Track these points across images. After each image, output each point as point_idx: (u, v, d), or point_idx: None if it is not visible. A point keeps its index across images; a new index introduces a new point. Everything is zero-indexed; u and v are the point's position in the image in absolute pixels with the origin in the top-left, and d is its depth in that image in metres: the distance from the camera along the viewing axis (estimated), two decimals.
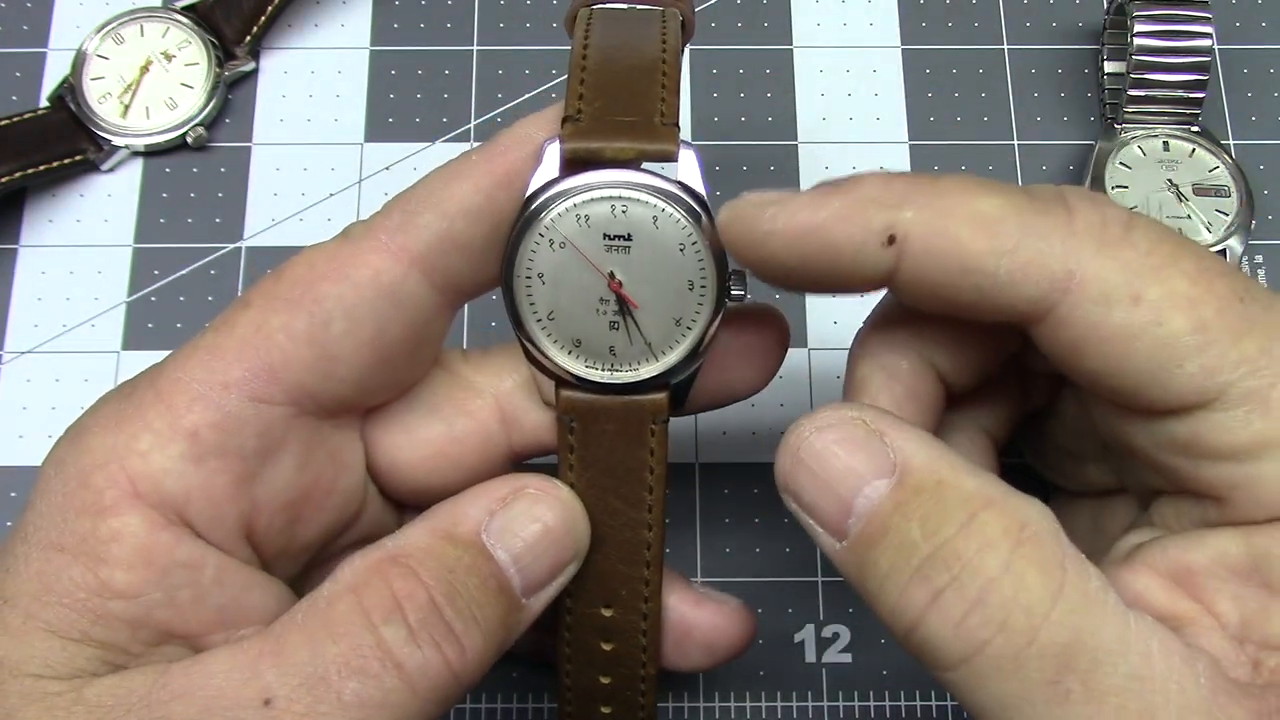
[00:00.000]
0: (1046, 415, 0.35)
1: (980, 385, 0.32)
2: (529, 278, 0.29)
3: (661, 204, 0.28)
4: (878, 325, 0.31)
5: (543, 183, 0.28)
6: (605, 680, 0.32)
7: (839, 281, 0.28)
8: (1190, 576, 0.27)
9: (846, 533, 0.26)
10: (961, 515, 0.25)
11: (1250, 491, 0.26)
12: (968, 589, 0.24)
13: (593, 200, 0.28)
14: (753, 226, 0.28)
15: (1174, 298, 0.26)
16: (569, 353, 0.29)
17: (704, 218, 0.29)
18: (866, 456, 0.26)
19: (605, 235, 0.28)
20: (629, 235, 0.29)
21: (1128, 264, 0.26)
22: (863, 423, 0.27)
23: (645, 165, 0.29)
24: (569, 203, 0.28)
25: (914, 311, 0.30)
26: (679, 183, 0.29)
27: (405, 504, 0.33)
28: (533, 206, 0.28)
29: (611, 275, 0.29)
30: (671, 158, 0.28)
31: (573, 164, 0.28)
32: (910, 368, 0.30)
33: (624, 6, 0.31)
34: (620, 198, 0.28)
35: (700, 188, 0.29)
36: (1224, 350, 0.26)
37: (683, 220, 0.28)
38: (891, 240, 0.27)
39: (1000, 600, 0.24)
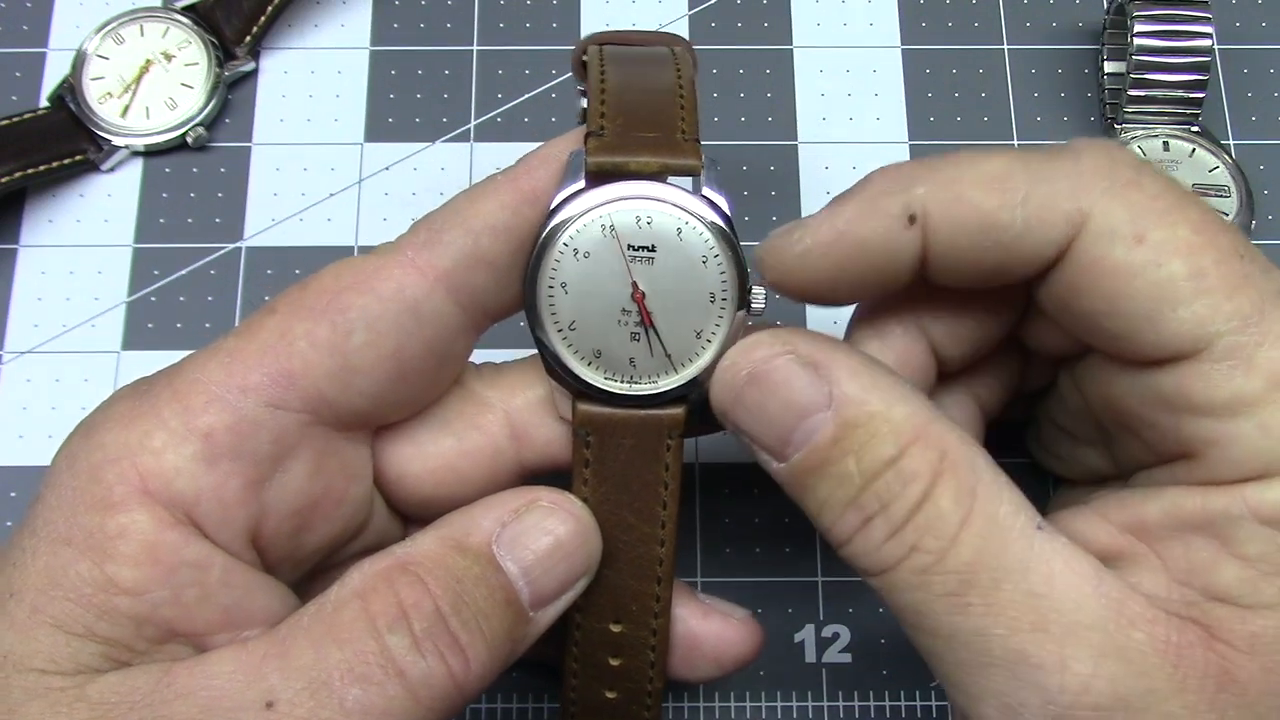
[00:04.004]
0: (1046, 396, 0.35)
1: (974, 360, 0.33)
2: (552, 287, 0.29)
3: (686, 216, 0.28)
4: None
5: (567, 195, 0.29)
6: (611, 695, 0.32)
7: (879, 276, 0.29)
8: (1143, 527, 0.28)
9: (787, 458, 0.28)
10: (891, 450, 0.27)
11: (1224, 449, 0.27)
12: (893, 518, 0.27)
13: (618, 211, 0.28)
14: (786, 254, 0.29)
15: (1175, 242, 0.27)
16: (589, 364, 0.29)
17: (726, 229, 0.29)
18: (802, 389, 0.28)
19: (630, 246, 0.29)
20: (653, 246, 0.29)
21: (1134, 205, 0.27)
22: (795, 356, 0.28)
23: (669, 180, 0.29)
24: (594, 213, 0.28)
25: (915, 287, 0.30)
26: (703, 196, 0.29)
27: (411, 518, 0.33)
28: (557, 218, 0.28)
29: (635, 286, 0.29)
30: (695, 172, 0.29)
31: (597, 177, 0.28)
32: (904, 333, 0.31)
33: (631, 49, 0.32)
34: (645, 209, 0.28)
35: (723, 202, 0.29)
36: (1218, 301, 0.26)
37: (706, 232, 0.29)
38: (913, 220, 0.28)
39: (914, 527, 0.27)
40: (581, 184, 0.29)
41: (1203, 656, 0.26)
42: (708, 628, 0.33)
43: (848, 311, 0.43)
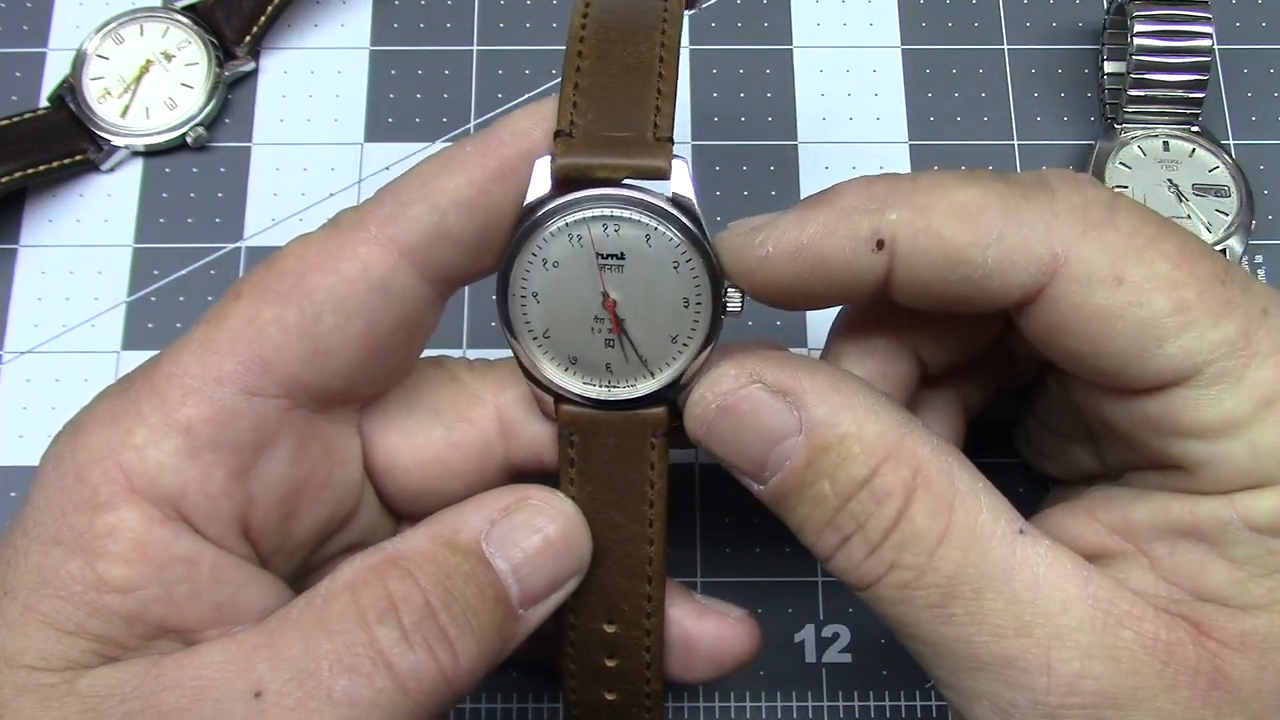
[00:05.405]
0: (1033, 394, 0.35)
1: (958, 366, 0.32)
2: (523, 297, 0.29)
3: (654, 222, 0.28)
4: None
5: (534, 201, 0.28)
6: (610, 696, 0.32)
7: (839, 293, 0.29)
8: (1131, 528, 0.28)
9: (765, 481, 0.29)
10: (864, 470, 0.27)
11: (1214, 468, 0.27)
12: (870, 536, 0.27)
13: (584, 219, 0.28)
14: (746, 254, 0.28)
15: (1155, 279, 0.27)
16: (565, 370, 0.29)
17: (697, 233, 0.28)
18: (771, 417, 0.28)
19: (599, 254, 0.28)
20: (622, 254, 0.28)
21: (1111, 246, 0.27)
22: (762, 386, 0.28)
23: (638, 183, 0.28)
24: (561, 222, 0.28)
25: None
26: (672, 199, 0.28)
27: (401, 513, 0.33)
28: (525, 225, 0.28)
29: (606, 295, 0.29)
30: (664, 175, 0.28)
31: (564, 182, 0.28)
32: (886, 344, 0.31)
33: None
34: (612, 216, 0.28)
35: (694, 201, 0.28)
36: (1203, 332, 0.26)
37: (675, 238, 0.28)
38: (880, 245, 0.28)
39: (892, 544, 0.27)
40: (548, 189, 0.28)
41: (1193, 653, 0.26)
42: (704, 627, 0.33)
43: None
